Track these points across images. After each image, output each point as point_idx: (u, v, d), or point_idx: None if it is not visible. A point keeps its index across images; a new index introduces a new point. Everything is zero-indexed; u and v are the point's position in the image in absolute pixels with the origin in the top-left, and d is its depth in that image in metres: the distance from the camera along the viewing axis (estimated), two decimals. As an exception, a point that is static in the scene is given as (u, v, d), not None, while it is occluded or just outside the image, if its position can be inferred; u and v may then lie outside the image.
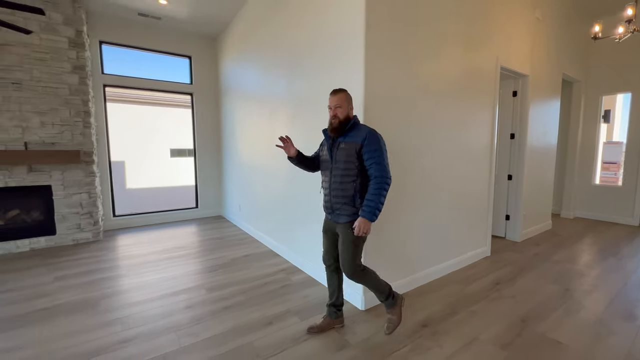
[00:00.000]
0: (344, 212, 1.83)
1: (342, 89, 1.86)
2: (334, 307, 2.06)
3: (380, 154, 1.75)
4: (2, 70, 3.49)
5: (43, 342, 1.93)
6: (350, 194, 1.81)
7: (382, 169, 1.73)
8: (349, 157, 1.79)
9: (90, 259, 3.43)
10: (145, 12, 4.23)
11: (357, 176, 1.80)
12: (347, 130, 1.83)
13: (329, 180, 1.89)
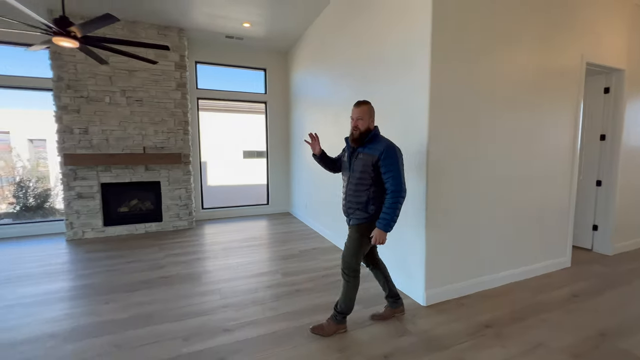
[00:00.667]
0: (357, 216, 1.97)
1: (365, 101, 1.98)
2: (391, 298, 2.24)
3: (397, 167, 1.85)
4: (130, 91, 4.48)
5: (165, 301, 2.53)
6: (363, 200, 1.93)
7: (398, 183, 1.83)
8: (365, 167, 1.91)
9: (188, 243, 4.17)
10: (231, 35, 4.92)
11: (371, 185, 1.91)
12: (367, 142, 1.95)
13: (346, 185, 2.04)
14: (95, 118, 4.35)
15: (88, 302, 2.53)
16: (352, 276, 2.00)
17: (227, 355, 1.85)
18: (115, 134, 4.45)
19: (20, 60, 4.82)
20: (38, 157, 10.68)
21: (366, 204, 1.94)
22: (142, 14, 4.20)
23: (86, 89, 4.28)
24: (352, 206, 1.99)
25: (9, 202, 7.26)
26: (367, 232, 1.95)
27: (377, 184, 1.92)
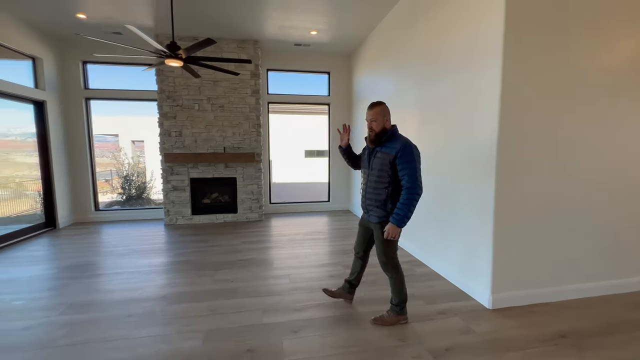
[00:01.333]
0: (376, 213, 2.03)
1: (378, 102, 2.02)
2: (349, 284, 2.41)
3: (413, 166, 1.88)
4: (214, 99, 5.17)
5: (245, 280, 2.94)
6: (382, 198, 1.99)
7: (414, 181, 1.87)
8: (383, 166, 1.97)
9: (259, 233, 4.66)
10: (299, 42, 5.30)
11: (390, 184, 1.96)
12: (385, 140, 2.00)
13: (365, 183, 2.11)
14: (187, 123, 5.14)
15: (186, 274, 3.09)
16: (394, 271, 2.11)
17: (299, 329, 2.12)
18: (202, 136, 5.19)
19: (128, 76, 5.93)
20: (138, 155, 12.75)
21: (385, 202, 2.00)
22: (225, 31, 4.81)
23: (181, 99, 5.08)
24: (372, 203, 2.07)
25: (118, 192, 8.89)
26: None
27: (394, 183, 1.98)
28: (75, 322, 2.23)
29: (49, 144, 4.84)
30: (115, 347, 1.95)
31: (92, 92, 5.32)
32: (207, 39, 2.58)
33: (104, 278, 3.02)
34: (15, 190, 6.55)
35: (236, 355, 1.86)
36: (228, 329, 2.13)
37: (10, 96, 4.25)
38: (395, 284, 2.13)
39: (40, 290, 2.78)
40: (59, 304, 2.49)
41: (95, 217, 5.51)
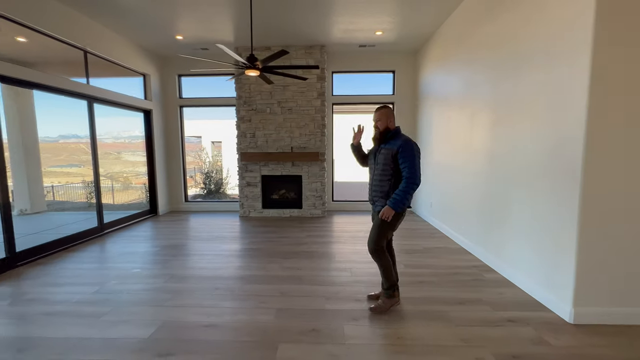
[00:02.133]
0: (380, 203, 2.25)
1: (384, 106, 2.29)
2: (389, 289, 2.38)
3: (412, 159, 2.13)
4: (283, 102, 5.60)
5: (310, 269, 3.19)
6: (385, 189, 2.22)
7: (413, 172, 2.12)
8: (386, 160, 2.21)
9: (322, 228, 4.91)
10: (364, 44, 5.39)
11: (392, 176, 2.20)
12: (389, 139, 2.24)
13: (371, 177, 2.33)
14: (260, 125, 5.67)
15: (259, 260, 3.47)
16: (378, 255, 2.29)
17: (359, 318, 2.26)
18: (272, 137, 5.67)
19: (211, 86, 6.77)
20: (216, 155, 14.29)
21: (388, 193, 2.22)
22: (294, 39, 5.18)
23: (255, 103, 5.63)
24: (377, 195, 2.29)
25: (200, 186, 10.16)
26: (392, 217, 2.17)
27: (397, 176, 2.21)
28: (176, 289, 2.74)
29: (153, 146, 5.86)
30: (206, 312, 2.35)
31: (184, 100, 6.25)
32: (281, 50, 2.88)
33: (194, 257, 3.59)
34: (123, 182, 8.09)
35: (303, 332, 2.09)
36: (295, 310, 2.38)
37: (127, 106, 5.29)
38: (383, 270, 2.32)
39: (149, 262, 3.45)
40: (164, 274, 3.07)
41: (184, 207, 6.47)
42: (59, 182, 7.84)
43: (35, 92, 4.04)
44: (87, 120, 4.51)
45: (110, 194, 7.66)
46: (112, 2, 3.83)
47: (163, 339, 2.02)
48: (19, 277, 3.05)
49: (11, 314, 2.37)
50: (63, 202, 7.38)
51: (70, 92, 4.11)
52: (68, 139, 7.63)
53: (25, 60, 4.63)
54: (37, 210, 6.53)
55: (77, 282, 2.92)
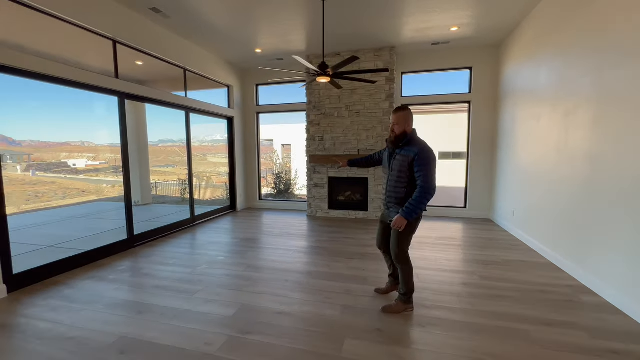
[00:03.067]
0: (395, 210, 2.23)
1: (402, 108, 2.19)
2: (393, 278, 2.61)
3: (428, 168, 2.05)
4: (351, 106, 5.70)
5: (375, 271, 3.20)
6: (401, 196, 2.20)
7: (427, 182, 2.06)
8: (402, 167, 2.15)
9: (388, 232, 4.84)
10: (438, 41, 5.15)
11: (408, 184, 2.17)
12: (404, 144, 2.17)
13: (386, 182, 2.31)
14: (328, 128, 5.87)
15: (324, 258, 3.62)
16: (404, 263, 2.31)
17: (426, 324, 2.20)
18: (339, 139, 5.82)
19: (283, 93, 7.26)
20: (285, 157, 15.17)
21: (403, 200, 2.20)
22: (362, 43, 5.24)
23: (324, 108, 5.86)
24: (392, 201, 2.27)
25: (271, 186, 10.90)
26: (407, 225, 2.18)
27: (412, 184, 2.17)
28: (253, 277, 3.06)
29: (234, 149, 6.57)
30: (277, 301, 2.57)
31: (260, 107, 6.85)
32: (352, 57, 2.98)
33: (267, 250, 3.93)
34: (207, 181, 9.25)
35: (367, 330, 2.13)
36: (360, 309, 2.43)
37: (215, 114, 6.04)
38: (404, 275, 2.32)
39: (230, 252, 3.90)
40: (242, 263, 3.45)
41: (258, 205, 7.07)
42: (158, 180, 9.36)
43: (147, 105, 4.94)
44: (181, 127, 5.32)
45: (197, 190, 8.86)
46: (207, 26, 4.45)
47: (243, 319, 2.29)
48: (136, 255, 3.78)
49: (132, 283, 2.96)
50: (163, 196, 8.80)
51: (172, 104, 4.91)
52: (166, 143, 9.10)
53: (141, 79, 5.67)
54: (145, 202, 7.91)
55: (176, 263, 3.48)
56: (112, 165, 9.15)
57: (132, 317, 2.33)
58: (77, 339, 2.06)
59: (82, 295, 2.71)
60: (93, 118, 5.98)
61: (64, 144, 9.70)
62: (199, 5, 3.83)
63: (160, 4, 3.80)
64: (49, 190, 10.68)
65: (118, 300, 2.61)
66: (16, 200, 8.28)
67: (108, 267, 3.38)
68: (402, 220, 2.15)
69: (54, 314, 2.38)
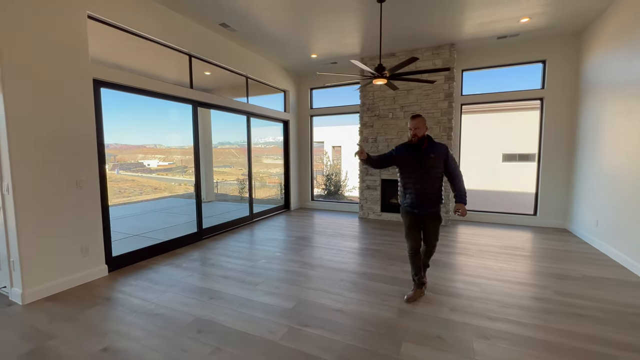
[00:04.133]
0: (435, 203, 2.52)
1: (418, 115, 2.49)
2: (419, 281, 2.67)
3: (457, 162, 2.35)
4: (407, 107, 5.57)
5: (433, 277, 3.09)
6: (438, 190, 2.51)
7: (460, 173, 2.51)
8: (438, 164, 2.44)
9: (445, 237, 4.61)
10: (504, 34, 4.77)
11: (441, 178, 2.51)
12: (429, 145, 2.46)
13: (419, 183, 2.48)
14: (382, 130, 5.81)
15: (379, 260, 3.60)
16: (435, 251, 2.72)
17: (490, 337, 2.07)
18: (393, 141, 5.72)
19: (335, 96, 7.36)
20: (335, 159, 15.32)
21: (440, 193, 2.54)
22: (420, 42, 5.08)
23: (378, 109, 5.81)
24: (431, 198, 2.50)
25: (321, 187, 11.10)
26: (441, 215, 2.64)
27: (442, 177, 2.54)
28: (309, 275, 3.19)
29: (289, 150, 6.86)
30: (333, 298, 2.65)
31: (314, 110, 7.05)
32: (411, 58, 2.93)
33: (321, 249, 4.04)
34: (260, 181, 9.81)
35: (426, 336, 2.09)
36: (418, 314, 2.38)
37: (271, 118, 6.38)
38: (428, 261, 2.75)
39: (286, 248, 4.10)
40: (298, 260, 3.60)
41: (310, 205, 7.28)
42: (217, 179, 10.19)
43: (212, 110, 5.43)
44: (239, 130, 5.73)
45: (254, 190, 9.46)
46: (267, 36, 4.75)
47: (302, 313, 2.41)
48: (205, 247, 4.19)
49: (202, 272, 3.30)
50: (224, 194, 9.55)
51: (235, 110, 5.32)
52: (224, 145, 9.89)
53: (208, 88, 6.24)
54: (209, 200, 8.65)
55: (239, 256, 3.78)
56: (180, 165, 10.22)
57: (205, 302, 2.61)
58: (162, 316, 2.38)
59: (164, 279, 3.10)
60: (166, 123, 6.78)
61: (140, 147, 11.13)
62: (262, 18, 4.11)
63: (229, 19, 4.17)
64: (129, 187, 12.31)
65: (192, 285, 2.93)
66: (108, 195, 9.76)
67: (181, 256, 3.81)
68: (464, 207, 2.47)
69: (143, 293, 2.77)
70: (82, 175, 3.00)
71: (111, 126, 5.81)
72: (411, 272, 2.70)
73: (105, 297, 2.70)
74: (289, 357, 1.90)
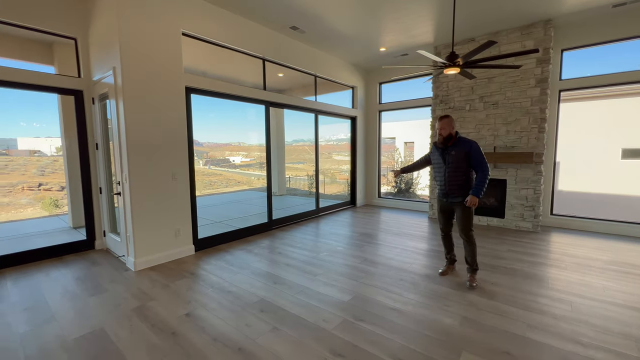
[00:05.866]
0: (458, 194, 2.78)
1: (445, 116, 2.81)
2: (450, 259, 3.13)
3: (482, 155, 2.68)
4: (487, 97, 4.99)
5: (507, 287, 2.74)
6: (460, 182, 2.77)
7: (485, 166, 2.67)
8: (458, 160, 2.74)
9: (531, 245, 4.01)
10: (624, 1, 3.85)
11: (465, 172, 2.76)
12: (455, 143, 2.76)
13: (443, 176, 2.84)
14: (457, 124, 5.33)
15: (445, 263, 3.35)
16: (472, 240, 2.84)
17: (579, 365, 1.75)
18: (470, 135, 5.20)
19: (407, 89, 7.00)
20: (407, 155, 14.63)
21: (463, 185, 2.75)
22: (504, 23, 4.47)
23: (453, 101, 5.35)
24: (454, 188, 2.78)
25: (392, 185, 10.75)
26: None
27: (468, 171, 2.75)
28: (369, 271, 3.17)
29: (356, 147, 6.86)
30: (391, 297, 2.58)
31: (383, 105, 6.88)
32: (488, 42, 2.62)
33: (384, 247, 3.96)
34: (331, 177, 10.01)
35: (492, 350, 1.88)
36: (484, 325, 2.16)
37: (340, 115, 6.46)
38: (472, 252, 2.83)
39: (348, 244, 4.13)
40: (359, 256, 3.61)
41: (377, 202, 7.15)
42: (291, 175, 10.80)
43: (286, 110, 5.78)
44: (311, 128, 5.94)
45: (323, 185, 9.80)
46: (335, 34, 4.83)
47: (357, 307, 2.42)
48: (274, 236, 4.53)
49: (269, 258, 3.58)
50: (294, 189, 10.10)
51: (304, 108, 5.56)
52: (297, 143, 10.41)
53: (281, 88, 6.65)
54: (281, 193, 9.26)
55: (303, 247, 3.97)
56: (259, 161, 11.16)
57: (269, 285, 2.84)
58: (233, 293, 2.69)
59: (237, 261, 3.47)
60: (246, 123, 7.47)
61: (227, 144, 12.57)
62: (330, 17, 4.20)
63: (299, 22, 4.38)
64: (217, 180, 14.07)
65: (260, 270, 3.22)
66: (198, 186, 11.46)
67: (253, 243, 4.19)
68: (474, 199, 2.64)
69: (220, 272, 3.17)
70: (177, 168, 3.57)
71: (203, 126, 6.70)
72: (444, 251, 3.19)
73: (190, 272, 3.17)
74: (339, 346, 1.94)
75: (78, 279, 3.01)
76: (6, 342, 2.02)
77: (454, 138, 2.78)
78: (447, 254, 3.16)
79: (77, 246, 3.79)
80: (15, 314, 2.36)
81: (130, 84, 3.13)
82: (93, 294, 2.70)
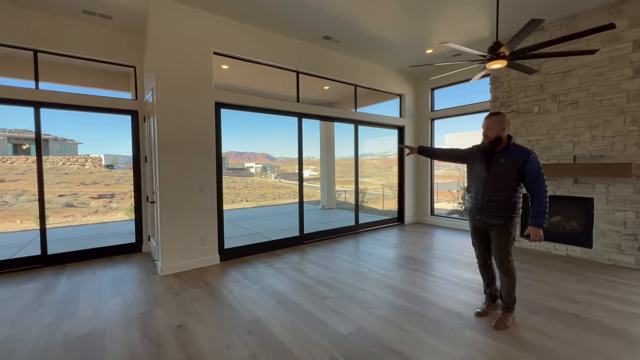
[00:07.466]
0: (499, 214, 2.20)
1: (496, 113, 2.23)
2: (490, 295, 2.50)
3: (542, 173, 2.11)
4: (563, 95, 4.04)
5: (573, 345, 2.01)
6: (505, 201, 2.18)
7: (544, 189, 2.09)
8: (507, 172, 2.18)
9: (629, 287, 2.97)
10: None
11: (513, 188, 2.18)
12: (504, 149, 2.22)
13: (482, 187, 2.27)
14: (522, 130, 4.44)
15: (490, 302, 2.68)
16: (510, 273, 2.28)
17: None
18: (541, 143, 4.26)
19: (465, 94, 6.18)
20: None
21: (507, 204, 2.19)
22: (585, 1, 3.59)
23: (516, 103, 4.50)
24: (492, 206, 2.23)
25: (458, 202, 9.59)
26: (511, 229, 2.22)
27: (516, 187, 2.19)
28: (386, 299, 2.73)
29: (403, 159, 6.31)
30: (401, 338, 2.12)
31: (435, 113, 6.22)
32: (531, 21, 2.06)
33: (416, 273, 3.41)
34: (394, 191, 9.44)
35: None
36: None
37: (382, 125, 6.05)
38: (510, 286, 2.28)
39: (379, 266, 3.68)
40: (382, 282, 3.16)
41: (429, 220, 6.39)
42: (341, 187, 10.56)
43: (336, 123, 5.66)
44: (366, 142, 5.67)
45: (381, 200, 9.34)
46: (374, 39, 4.56)
47: (353, 343, 2.05)
48: (302, 251, 4.35)
49: (286, 275, 3.40)
50: (345, 202, 9.81)
51: (342, 119, 5.35)
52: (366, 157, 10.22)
53: (328, 101, 6.58)
54: (330, 207, 9.09)
55: (325, 266, 3.69)
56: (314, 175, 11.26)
57: (271, 304, 2.65)
58: (233, 309, 2.58)
59: (254, 275, 3.39)
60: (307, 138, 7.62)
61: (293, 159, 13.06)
62: (366, 22, 3.98)
63: (331, 31, 4.27)
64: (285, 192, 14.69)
65: (270, 287, 3.06)
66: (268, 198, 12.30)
67: (279, 257, 4.09)
68: (538, 231, 2.09)
69: (232, 284, 3.13)
70: (204, 181, 3.73)
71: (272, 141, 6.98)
72: (482, 284, 2.59)
73: (205, 282, 3.20)
74: (313, 392, 1.62)
75: (115, 279, 3.31)
76: (27, 332, 2.26)
77: (504, 142, 2.22)
78: (486, 287, 2.56)
79: (127, 248, 4.24)
80: (51, 306, 2.67)
81: (163, 101, 3.42)
82: (117, 294, 2.92)
